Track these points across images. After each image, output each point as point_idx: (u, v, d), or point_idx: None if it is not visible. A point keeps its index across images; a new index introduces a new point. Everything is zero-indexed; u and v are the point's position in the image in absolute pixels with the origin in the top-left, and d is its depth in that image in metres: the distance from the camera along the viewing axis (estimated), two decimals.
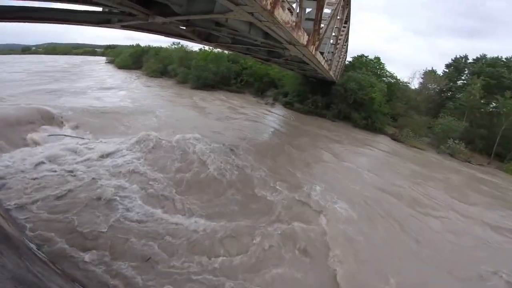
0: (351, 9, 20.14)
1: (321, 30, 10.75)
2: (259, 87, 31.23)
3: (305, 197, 8.81)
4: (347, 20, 20.83)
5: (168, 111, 18.55)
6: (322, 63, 13.79)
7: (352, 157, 15.70)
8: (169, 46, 44.05)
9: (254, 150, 12.70)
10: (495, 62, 31.25)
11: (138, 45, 53.88)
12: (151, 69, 40.17)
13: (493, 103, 27.97)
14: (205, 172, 9.27)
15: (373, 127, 23.85)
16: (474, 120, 26.55)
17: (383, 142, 22.06)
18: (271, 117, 22.61)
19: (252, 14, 4.55)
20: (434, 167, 18.34)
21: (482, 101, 27.86)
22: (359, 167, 13.79)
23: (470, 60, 33.78)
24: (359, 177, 12.33)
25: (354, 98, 24.10)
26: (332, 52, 18.49)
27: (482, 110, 28.27)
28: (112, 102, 19.74)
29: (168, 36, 9.40)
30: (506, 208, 12.41)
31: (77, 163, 8.58)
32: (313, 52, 10.03)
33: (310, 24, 8.92)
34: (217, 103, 24.79)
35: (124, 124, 14.15)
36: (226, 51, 24.67)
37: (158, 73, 39.12)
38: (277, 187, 9.16)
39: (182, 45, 39.46)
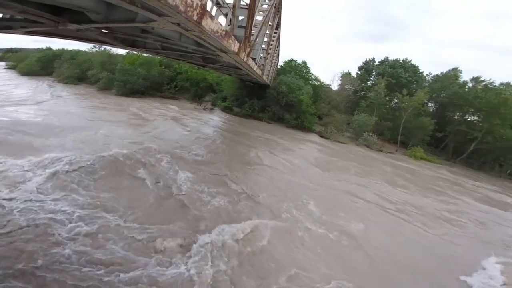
0: (281, 16, 21.70)
1: (252, 37, 11.39)
2: (196, 92, 30.52)
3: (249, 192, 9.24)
4: (278, 26, 22.18)
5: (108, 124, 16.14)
6: (255, 69, 14.48)
7: (282, 153, 16.97)
8: (88, 49, 39.07)
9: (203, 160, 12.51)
10: (394, 63, 38.13)
11: (49, 49, 46.13)
12: (65, 75, 34.80)
13: (395, 100, 34.14)
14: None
15: (303, 127, 26.21)
16: (381, 115, 31.82)
17: (312, 139, 24.50)
18: (212, 123, 22.42)
19: (178, 24, 4.54)
20: (351, 157, 21.36)
21: (386, 98, 33.68)
22: (288, 160, 15.18)
23: (376, 63, 40.31)
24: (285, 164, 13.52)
25: (286, 101, 26.03)
26: (264, 57, 19.57)
27: (388, 106, 34.22)
28: (27, 117, 16.04)
29: (85, 42, 8.42)
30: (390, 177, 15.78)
31: None
32: (245, 59, 10.48)
33: (242, 32, 9.31)
34: (154, 112, 23.16)
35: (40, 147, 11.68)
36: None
37: (74, 79, 34.14)
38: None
39: (105, 49, 35.43)
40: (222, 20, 9.16)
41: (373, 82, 37.45)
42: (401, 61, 38.23)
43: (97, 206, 7.11)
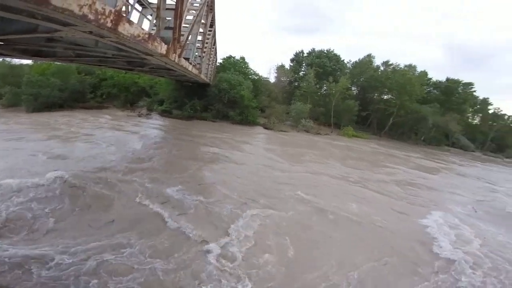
0: (215, 13, 21.33)
1: (182, 37, 11.03)
2: (127, 98, 27.92)
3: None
4: (212, 24, 21.79)
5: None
6: (190, 69, 14.10)
7: (233, 146, 17.20)
8: None
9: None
10: (320, 54, 41.68)
11: None
12: None
13: (324, 87, 37.58)
14: None
15: (247, 121, 26.83)
16: (315, 102, 34.69)
17: (258, 131, 25.41)
18: (150, 132, 20.67)
19: (90, 32, 4.16)
20: (295, 141, 23.02)
21: (317, 87, 36.82)
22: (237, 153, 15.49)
23: (305, 54, 43.36)
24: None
25: (228, 97, 26.15)
26: (200, 56, 19.14)
27: (319, 93, 37.49)
28: None
29: None
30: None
31: None
32: (176, 60, 10.12)
33: (170, 33, 8.97)
34: (85, 125, 20.11)
35: None
36: None
37: None
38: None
39: (4, 60, 29.09)
40: (146, 23, 8.76)
41: (304, 72, 40.35)
42: (325, 51, 42.07)
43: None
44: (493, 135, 44.74)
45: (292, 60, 43.54)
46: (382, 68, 41.38)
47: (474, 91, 44.02)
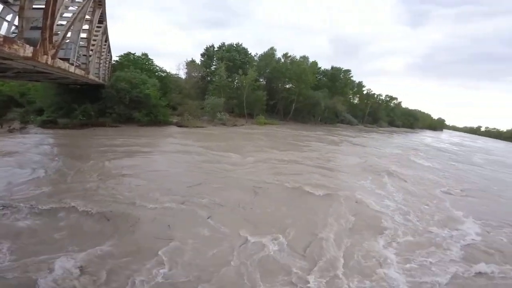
0: (106, 8, 18.62)
1: (56, 37, 9.40)
2: None
3: None
4: (102, 20, 19.14)
5: None
6: (71, 70, 12.06)
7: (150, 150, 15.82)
8: None
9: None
10: (230, 48, 42.48)
11: None
12: None
13: (236, 80, 38.79)
14: None
15: (158, 121, 24.86)
16: (228, 95, 35.60)
17: (172, 131, 24.12)
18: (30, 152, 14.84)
19: None
20: (215, 134, 23.28)
21: (228, 80, 37.67)
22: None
23: (216, 49, 43.27)
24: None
25: (130, 98, 23.39)
26: (86, 55, 16.45)
27: (231, 86, 38.50)
28: None
29: None
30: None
31: None
32: (49, 62, 8.61)
33: (38, 33, 7.84)
34: None
35: None
36: None
37: None
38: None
39: None
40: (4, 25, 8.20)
41: (216, 66, 40.50)
42: (235, 45, 43.18)
43: None
44: (368, 110, 57.69)
45: (203, 55, 42.85)
46: (282, 60, 45.89)
47: (352, 76, 54.74)
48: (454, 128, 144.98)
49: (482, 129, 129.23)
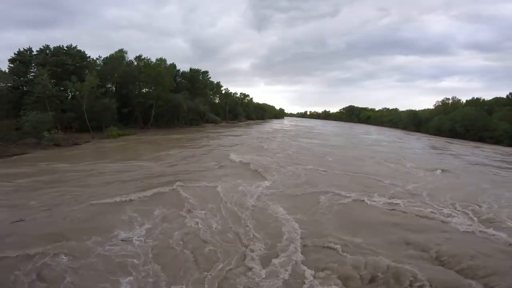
0: None
1: None
2: None
3: None
4: None
5: None
6: None
7: None
8: None
9: None
10: (58, 51, 34.06)
11: None
12: None
13: (69, 88, 31.98)
14: None
15: None
16: (58, 107, 29.05)
17: None
18: None
19: None
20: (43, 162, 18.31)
21: (57, 89, 30.51)
22: None
23: (34, 52, 33.63)
24: None
25: None
26: None
27: (63, 96, 31.42)
28: None
29: None
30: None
31: None
32: None
33: None
34: None
35: None
36: None
37: None
38: None
39: None
40: None
41: (35, 74, 31.70)
42: (65, 48, 35.20)
43: None
44: (228, 108, 63.67)
45: (13, 61, 32.14)
46: (135, 63, 42.27)
47: (210, 77, 58.15)
48: (292, 115, 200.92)
49: (308, 113, 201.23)
